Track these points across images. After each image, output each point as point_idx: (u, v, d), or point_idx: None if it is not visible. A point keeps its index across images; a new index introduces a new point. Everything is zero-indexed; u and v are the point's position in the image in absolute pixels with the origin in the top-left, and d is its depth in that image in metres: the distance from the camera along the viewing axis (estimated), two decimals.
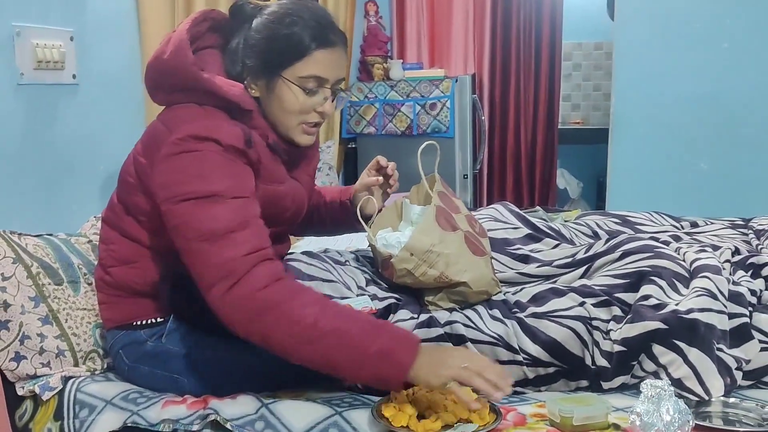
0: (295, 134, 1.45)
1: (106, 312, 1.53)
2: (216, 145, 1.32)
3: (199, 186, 1.29)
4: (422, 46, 4.08)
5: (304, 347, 1.23)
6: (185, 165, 1.31)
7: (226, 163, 1.32)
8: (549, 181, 4.25)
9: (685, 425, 1.15)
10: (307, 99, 1.41)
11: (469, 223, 1.59)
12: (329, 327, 1.23)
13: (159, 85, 1.44)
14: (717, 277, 1.43)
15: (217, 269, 1.25)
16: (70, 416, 1.43)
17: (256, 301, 1.23)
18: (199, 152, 1.31)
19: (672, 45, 3.17)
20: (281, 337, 1.24)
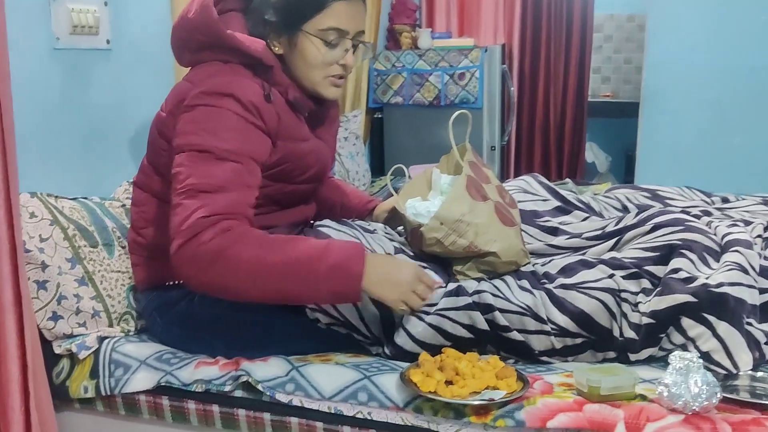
0: (322, 88, 1.49)
1: (139, 273, 1.57)
2: (234, 102, 1.37)
3: (203, 140, 1.35)
4: (451, 15, 4.03)
5: (257, 285, 1.29)
6: (199, 118, 1.37)
7: (238, 124, 1.37)
8: (577, 154, 4.21)
9: (712, 397, 1.16)
10: (329, 51, 1.44)
11: (499, 194, 1.59)
12: (276, 259, 1.29)
13: (185, 45, 1.48)
14: (748, 252, 1.43)
15: (179, 224, 1.30)
16: (106, 375, 1.47)
17: (200, 255, 1.28)
18: (216, 108, 1.36)
19: (707, 17, 3.10)
20: (233, 282, 1.30)
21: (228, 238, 1.29)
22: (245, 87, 1.39)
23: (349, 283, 1.30)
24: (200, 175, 1.33)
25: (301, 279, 1.29)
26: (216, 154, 1.34)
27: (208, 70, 1.43)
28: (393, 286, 1.33)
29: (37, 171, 1.72)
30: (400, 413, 1.29)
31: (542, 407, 1.21)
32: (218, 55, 1.43)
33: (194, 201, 1.31)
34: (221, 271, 1.28)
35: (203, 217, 1.29)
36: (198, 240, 1.28)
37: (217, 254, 1.28)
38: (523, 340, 1.38)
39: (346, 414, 1.32)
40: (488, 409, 1.23)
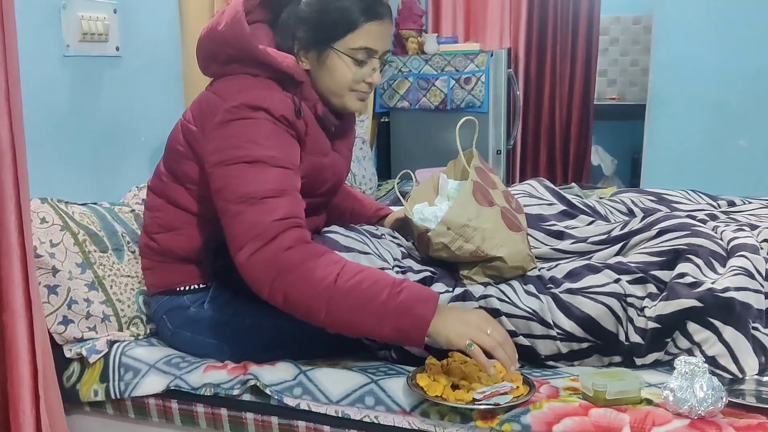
0: (348, 101, 1.50)
1: (151, 278, 1.58)
2: (267, 115, 1.37)
3: (248, 151, 1.34)
4: (457, 20, 4.04)
5: (324, 306, 1.27)
6: (237, 131, 1.36)
7: (275, 132, 1.38)
8: (583, 157, 4.21)
9: (718, 402, 1.16)
10: (358, 70, 1.45)
11: (505, 199, 1.60)
12: (349, 285, 1.26)
13: (213, 57, 1.48)
14: (754, 257, 1.43)
15: (249, 231, 1.29)
16: (116, 378, 1.49)
17: (278, 262, 1.27)
18: (252, 120, 1.36)
19: (713, 19, 3.10)
20: (302, 297, 1.28)
21: (307, 251, 1.29)
22: (277, 101, 1.39)
23: (414, 326, 1.25)
24: (258, 182, 1.32)
25: (368, 310, 1.26)
26: (266, 162, 1.34)
27: (238, 84, 1.42)
28: (460, 324, 1.25)
29: (48, 177, 1.74)
30: (407, 417, 1.30)
31: (548, 411, 1.22)
32: (247, 69, 1.43)
33: (258, 207, 1.30)
34: (293, 284, 1.27)
35: (277, 220, 1.29)
36: (277, 245, 1.28)
37: (294, 265, 1.27)
38: (529, 345, 1.39)
39: (354, 418, 1.33)
40: (494, 413, 1.23)
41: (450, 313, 1.27)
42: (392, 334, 1.28)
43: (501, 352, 1.23)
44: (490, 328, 1.25)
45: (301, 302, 1.28)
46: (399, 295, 1.26)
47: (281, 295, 1.29)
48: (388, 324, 1.26)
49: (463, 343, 1.23)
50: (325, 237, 1.54)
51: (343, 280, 1.26)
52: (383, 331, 1.27)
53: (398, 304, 1.25)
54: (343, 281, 1.26)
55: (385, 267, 1.49)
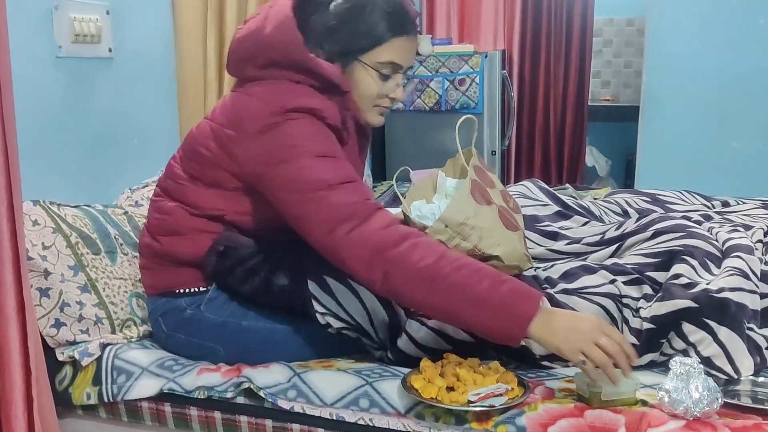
0: (370, 116, 1.49)
1: (148, 278, 1.56)
2: (316, 118, 1.36)
3: (310, 146, 1.34)
4: (452, 22, 4.05)
5: (424, 287, 1.24)
6: (294, 131, 1.35)
7: (327, 134, 1.38)
8: (577, 158, 4.22)
9: (713, 403, 1.16)
10: (383, 84, 1.44)
11: (503, 198, 1.60)
12: (450, 268, 1.24)
13: (251, 59, 1.43)
14: (749, 257, 1.43)
15: (339, 211, 1.28)
16: (108, 382, 1.48)
17: (378, 239, 1.26)
18: (305, 120, 1.35)
19: (706, 21, 3.10)
20: (401, 275, 1.25)
21: (405, 231, 1.28)
22: (325, 108, 1.38)
23: (514, 322, 1.21)
24: (330, 170, 1.32)
25: (468, 297, 1.23)
26: (329, 155, 1.35)
27: (282, 89, 1.39)
28: (568, 334, 1.19)
29: (40, 179, 1.73)
30: (402, 419, 1.29)
31: (543, 413, 1.22)
32: (288, 74, 1.40)
33: (342, 189, 1.30)
34: (394, 262, 1.25)
35: (365, 200, 1.30)
36: (374, 223, 1.28)
37: (394, 244, 1.25)
38: (524, 345, 1.38)
39: (348, 420, 1.32)
40: (489, 415, 1.23)
41: (559, 319, 1.22)
42: (490, 326, 1.24)
43: (612, 371, 1.18)
44: (603, 338, 1.18)
45: (400, 281, 1.25)
46: (502, 286, 1.23)
47: (381, 272, 1.26)
48: (487, 314, 1.22)
49: (575, 358, 1.19)
50: None
51: (445, 263, 1.24)
52: (481, 320, 1.24)
53: (501, 294, 1.22)
54: (444, 264, 1.24)
55: None
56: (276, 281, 1.42)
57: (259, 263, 1.43)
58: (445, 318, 1.31)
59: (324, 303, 1.39)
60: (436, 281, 1.23)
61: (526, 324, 1.20)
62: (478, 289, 1.22)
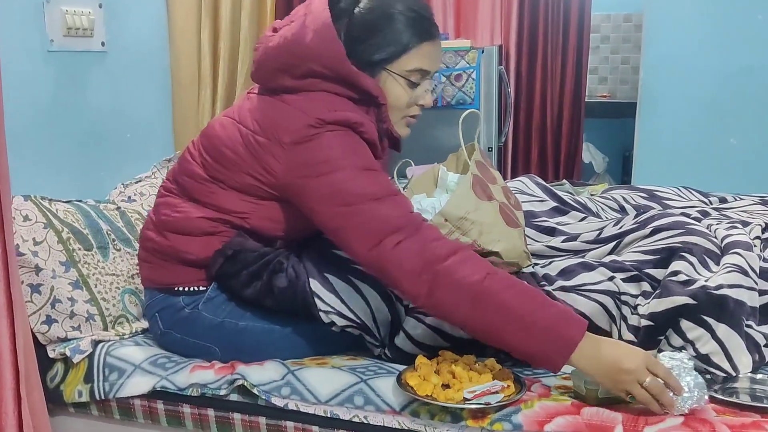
0: (398, 127, 1.47)
1: (148, 271, 1.53)
2: (354, 132, 1.34)
3: (353, 159, 1.31)
4: (448, 17, 4.02)
5: (469, 304, 1.21)
6: (333, 143, 1.32)
7: (366, 147, 1.36)
8: (574, 154, 4.20)
9: (702, 399, 1.16)
10: (412, 92, 1.42)
11: (504, 195, 1.59)
12: (497, 287, 1.21)
13: (288, 69, 1.37)
14: (748, 254, 1.42)
15: (387, 223, 1.26)
16: (100, 379, 1.46)
17: (428, 252, 1.24)
18: (344, 132, 1.33)
19: (704, 16, 3.09)
20: (448, 292, 1.22)
21: (455, 246, 1.26)
22: (365, 123, 1.36)
23: (559, 347, 1.18)
24: (375, 183, 1.30)
25: (513, 318, 1.20)
26: (372, 168, 1.32)
27: (323, 100, 1.35)
28: (614, 373, 1.16)
29: (31, 174, 1.71)
30: (397, 417, 1.28)
31: (540, 410, 1.20)
32: (327, 85, 1.36)
33: (389, 202, 1.29)
34: (444, 275, 1.22)
35: (413, 212, 1.29)
36: (424, 235, 1.26)
37: (444, 256, 1.23)
38: None
39: (342, 418, 1.31)
40: (485, 412, 1.22)
41: (607, 352, 1.18)
42: (532, 349, 1.21)
43: (655, 407, 1.15)
44: (648, 377, 1.14)
45: (446, 296, 1.23)
46: (549, 309, 1.20)
47: (427, 285, 1.23)
48: (530, 336, 1.19)
49: (619, 395, 1.17)
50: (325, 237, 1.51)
51: (493, 280, 1.22)
52: (524, 342, 1.21)
53: (547, 318, 1.19)
54: (492, 282, 1.21)
55: None
56: (277, 283, 1.39)
57: (261, 267, 1.41)
58: (486, 337, 1.26)
59: (327, 301, 1.38)
60: (483, 298, 1.21)
61: (570, 350, 1.17)
62: (524, 310, 1.19)
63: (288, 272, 1.40)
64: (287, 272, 1.40)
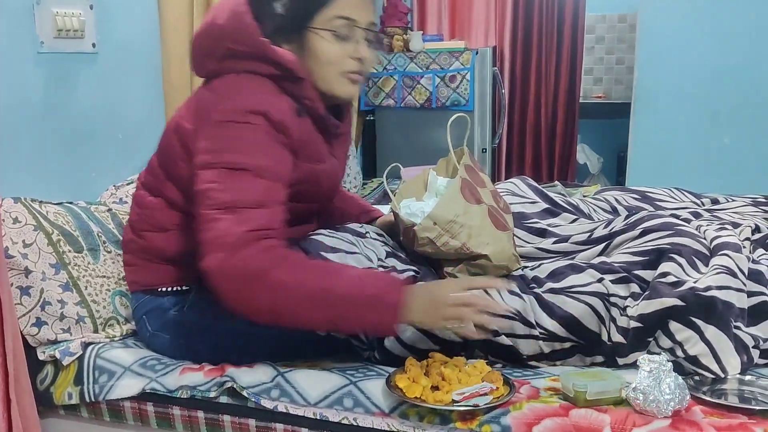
0: (339, 86, 1.43)
1: (132, 274, 1.54)
2: (264, 120, 1.32)
3: (236, 157, 1.30)
4: (443, 18, 4.03)
5: (293, 310, 1.25)
6: (229, 134, 1.32)
7: (268, 141, 1.33)
8: (569, 155, 4.21)
9: (683, 401, 1.16)
10: (341, 44, 1.39)
11: (493, 198, 1.59)
12: (315, 286, 1.25)
13: (211, 53, 1.40)
14: (737, 255, 1.42)
15: (219, 239, 1.25)
16: (90, 381, 1.46)
17: (243, 271, 1.23)
18: (246, 124, 1.32)
19: (697, 17, 3.10)
20: (268, 303, 1.25)
21: (271, 257, 1.25)
22: (275, 104, 1.34)
23: (386, 315, 1.23)
24: (237, 190, 1.29)
25: (338, 307, 1.24)
26: (251, 170, 1.30)
27: (237, 84, 1.36)
28: (433, 307, 1.23)
29: (22, 176, 1.71)
30: (386, 419, 1.28)
31: (528, 412, 1.20)
32: (246, 64, 1.37)
33: (234, 216, 1.26)
34: (262, 291, 1.25)
35: (248, 231, 1.25)
36: (243, 254, 1.24)
37: (260, 272, 1.24)
38: (511, 345, 1.37)
39: (332, 420, 1.31)
40: (474, 414, 1.22)
41: (423, 295, 1.26)
42: (367, 327, 1.30)
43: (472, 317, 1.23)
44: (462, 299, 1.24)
45: (268, 309, 1.26)
46: (366, 287, 1.25)
47: (246, 303, 1.27)
48: (359, 318, 1.26)
49: (441, 326, 1.26)
50: (311, 239, 1.51)
51: (308, 281, 1.25)
52: (356, 324, 1.29)
53: (366, 296, 1.24)
54: (308, 282, 1.25)
55: (370, 267, 1.47)
56: None
57: None
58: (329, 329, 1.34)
59: None
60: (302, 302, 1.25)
61: (397, 313, 1.23)
62: (345, 298, 1.25)
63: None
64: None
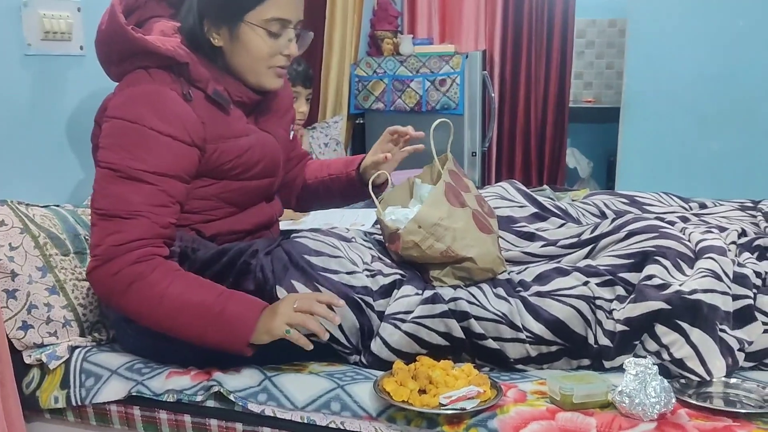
0: (266, 78, 1.49)
1: None
2: (152, 115, 1.36)
3: (120, 158, 1.35)
4: (433, 21, 4.04)
5: (159, 319, 1.33)
6: (115, 132, 1.37)
7: (155, 138, 1.37)
8: (558, 160, 4.22)
9: (669, 404, 1.16)
10: (273, 42, 1.45)
11: (477, 202, 1.59)
12: (176, 299, 1.31)
13: (108, 59, 1.47)
14: (722, 258, 1.43)
15: (94, 246, 1.34)
16: (77, 385, 1.45)
17: (110, 283, 1.33)
18: (130, 123, 1.36)
19: (686, 22, 3.12)
20: (137, 312, 1.35)
21: (138, 269, 1.32)
22: (163, 95, 1.38)
23: (235, 341, 1.32)
24: (113, 198, 1.34)
25: (193, 323, 1.32)
26: (128, 174, 1.34)
27: (128, 79, 1.42)
28: (273, 321, 1.30)
29: (8, 178, 1.70)
30: (373, 423, 1.28)
31: (515, 416, 1.21)
32: (139, 62, 1.41)
33: (107, 225, 1.34)
34: (129, 301, 1.33)
35: (114, 245, 1.32)
36: (109, 268, 1.32)
37: (126, 285, 1.32)
38: (498, 348, 1.38)
39: (319, 424, 1.31)
40: (461, 418, 1.22)
41: (265, 316, 1.31)
42: (216, 346, 1.34)
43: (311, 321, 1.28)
44: (295, 303, 1.29)
45: (138, 317, 1.36)
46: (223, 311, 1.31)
47: (118, 310, 1.39)
48: (210, 337, 1.32)
49: (281, 333, 1.28)
50: (295, 242, 1.51)
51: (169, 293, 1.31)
52: (207, 342, 1.34)
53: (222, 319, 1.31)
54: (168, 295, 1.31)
55: (354, 270, 1.47)
56: (245, 286, 1.40)
57: (226, 267, 1.41)
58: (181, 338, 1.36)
59: None
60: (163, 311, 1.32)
61: (244, 344, 1.32)
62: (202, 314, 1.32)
63: (256, 275, 1.41)
64: (255, 275, 1.41)
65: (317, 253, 1.48)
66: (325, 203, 1.86)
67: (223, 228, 1.51)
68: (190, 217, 1.46)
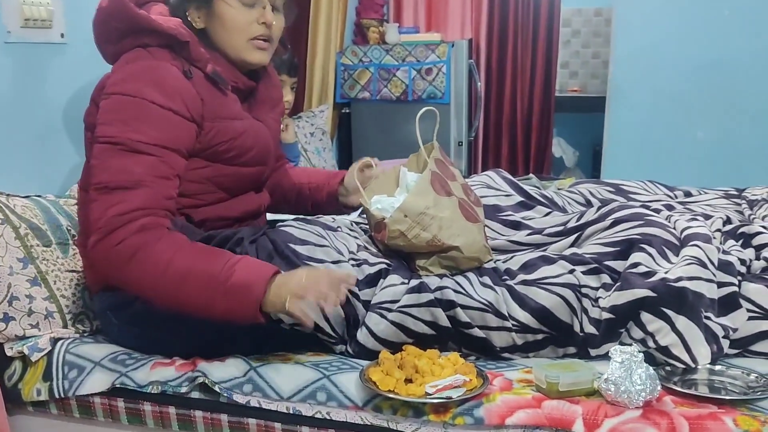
0: (247, 53, 1.50)
1: (91, 276, 1.52)
2: (152, 89, 1.36)
3: (120, 131, 1.34)
4: (419, 10, 4.02)
5: (161, 289, 1.29)
6: (115, 107, 1.36)
7: (156, 112, 1.36)
8: (544, 149, 4.22)
9: (654, 391, 1.17)
10: (247, 11, 1.46)
11: (464, 191, 1.59)
12: (181, 266, 1.28)
13: (106, 38, 1.47)
14: (707, 246, 1.43)
15: (95, 221, 1.31)
16: (59, 377, 1.44)
17: (115, 254, 1.29)
18: (131, 97, 1.35)
19: (672, 12, 3.13)
20: (143, 283, 1.30)
21: (142, 238, 1.29)
22: (164, 70, 1.38)
23: (245, 307, 1.27)
24: (114, 170, 1.32)
25: (199, 291, 1.28)
26: (129, 146, 1.33)
27: (127, 57, 1.42)
28: (291, 295, 1.25)
29: None
30: (360, 412, 1.27)
31: (501, 404, 1.21)
32: (138, 40, 1.42)
33: (109, 197, 1.31)
34: (133, 271, 1.29)
35: (117, 215, 1.29)
36: (111, 239, 1.29)
37: (130, 255, 1.28)
38: (484, 337, 1.37)
39: (305, 414, 1.30)
40: (447, 407, 1.22)
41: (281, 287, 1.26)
42: (225, 315, 1.29)
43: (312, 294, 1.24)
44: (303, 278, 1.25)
45: (143, 288, 1.32)
46: (231, 276, 1.26)
47: (124, 284, 1.33)
48: (218, 306, 1.27)
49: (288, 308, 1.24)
50: (280, 231, 1.51)
51: (176, 260, 1.28)
52: (215, 312, 1.29)
53: (229, 287, 1.26)
54: (175, 262, 1.28)
55: (340, 260, 1.47)
56: None
57: None
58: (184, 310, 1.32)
59: None
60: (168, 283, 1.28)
61: (254, 308, 1.26)
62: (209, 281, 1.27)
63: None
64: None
65: (302, 242, 1.47)
66: (296, 210, 1.86)
67: (212, 214, 1.50)
68: (181, 201, 1.44)
